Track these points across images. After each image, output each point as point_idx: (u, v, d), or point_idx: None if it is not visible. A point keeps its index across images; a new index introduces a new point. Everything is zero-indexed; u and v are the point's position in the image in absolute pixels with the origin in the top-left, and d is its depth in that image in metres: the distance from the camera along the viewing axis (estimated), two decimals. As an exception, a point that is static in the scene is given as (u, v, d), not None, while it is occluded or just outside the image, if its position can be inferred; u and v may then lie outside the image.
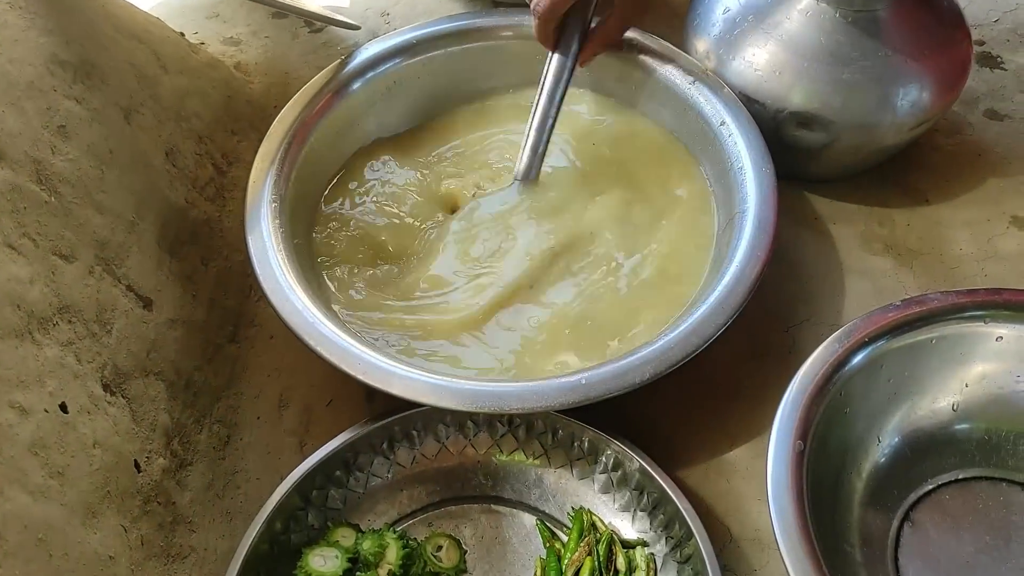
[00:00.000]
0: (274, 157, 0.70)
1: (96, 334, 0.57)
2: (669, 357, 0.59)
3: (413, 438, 0.64)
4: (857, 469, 0.61)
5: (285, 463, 0.66)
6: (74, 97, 0.60)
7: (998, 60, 0.91)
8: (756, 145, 0.69)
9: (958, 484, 0.63)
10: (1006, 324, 0.61)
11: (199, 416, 0.65)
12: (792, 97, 0.72)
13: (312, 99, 0.74)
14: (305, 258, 0.69)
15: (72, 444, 0.52)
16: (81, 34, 0.64)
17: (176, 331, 0.65)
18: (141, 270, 0.63)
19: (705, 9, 0.77)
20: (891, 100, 0.71)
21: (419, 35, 0.78)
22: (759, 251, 0.63)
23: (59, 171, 0.57)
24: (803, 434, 0.56)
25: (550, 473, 0.64)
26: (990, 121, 0.86)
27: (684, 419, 0.67)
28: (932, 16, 0.74)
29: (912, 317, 0.61)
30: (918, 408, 0.63)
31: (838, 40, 0.71)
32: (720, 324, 0.60)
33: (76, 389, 0.54)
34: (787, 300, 0.73)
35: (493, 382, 0.59)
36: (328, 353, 0.60)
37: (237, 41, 0.92)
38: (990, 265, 0.75)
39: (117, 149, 0.63)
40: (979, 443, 0.63)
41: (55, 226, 0.56)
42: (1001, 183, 0.81)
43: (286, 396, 0.70)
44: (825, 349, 0.59)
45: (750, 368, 0.70)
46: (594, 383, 0.58)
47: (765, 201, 0.66)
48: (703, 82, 0.74)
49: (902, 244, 0.77)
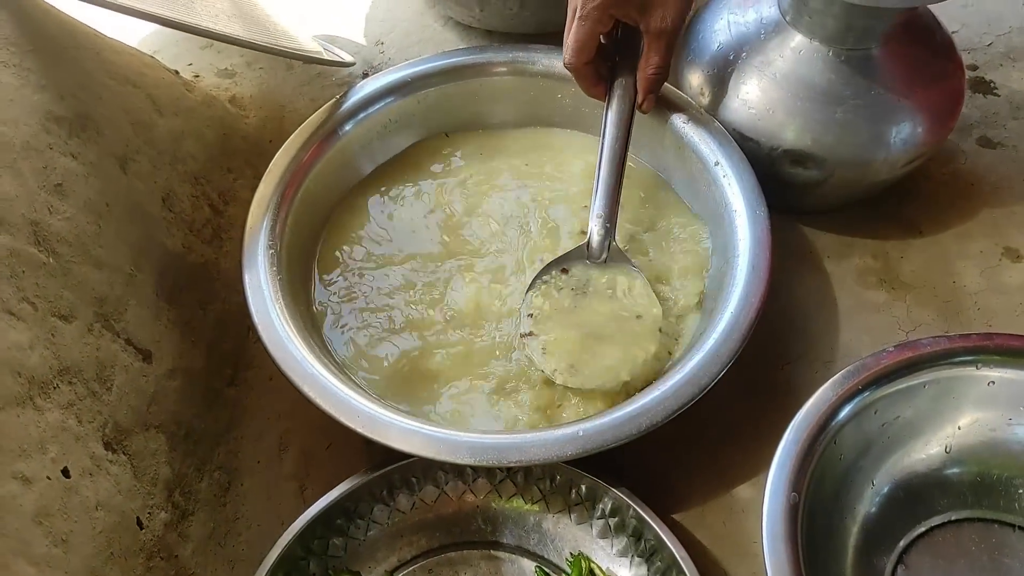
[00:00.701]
0: (269, 202, 0.70)
1: (96, 393, 0.57)
2: (665, 408, 0.59)
3: (413, 485, 0.65)
4: (851, 514, 0.62)
5: (286, 508, 0.67)
6: (70, 153, 0.61)
7: (991, 85, 0.91)
8: (750, 187, 0.70)
9: (951, 526, 0.63)
10: (998, 368, 0.62)
11: (199, 464, 0.66)
12: (786, 135, 0.72)
13: (307, 141, 0.74)
14: (304, 306, 0.69)
15: (75, 509, 0.52)
16: (75, 86, 0.64)
17: (176, 381, 0.65)
18: (139, 322, 0.63)
19: (699, 45, 0.78)
20: (884, 138, 0.71)
21: (414, 72, 0.78)
22: (753, 298, 0.64)
23: (57, 231, 0.57)
24: (798, 486, 0.56)
25: (548, 518, 0.65)
26: (983, 149, 0.86)
27: (680, 460, 0.68)
28: (925, 51, 0.74)
29: (905, 363, 0.62)
30: (911, 452, 0.64)
31: (831, 78, 0.71)
32: (715, 373, 0.61)
33: (78, 452, 0.54)
34: (781, 336, 0.74)
35: (492, 435, 0.60)
36: (329, 406, 0.60)
37: (232, 73, 0.92)
38: (983, 298, 0.76)
39: (114, 201, 0.63)
40: (972, 485, 0.64)
41: (54, 287, 0.56)
42: (994, 213, 0.81)
43: (285, 439, 0.70)
44: (819, 398, 0.60)
45: (745, 408, 0.70)
46: (592, 435, 0.58)
47: (759, 245, 0.66)
48: (697, 121, 0.74)
49: (896, 277, 0.77)
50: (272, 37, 0.72)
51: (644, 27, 0.67)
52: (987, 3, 0.98)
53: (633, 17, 0.67)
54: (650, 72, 0.69)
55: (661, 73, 0.69)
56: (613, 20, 0.67)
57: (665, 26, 0.66)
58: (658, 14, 0.65)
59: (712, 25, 0.77)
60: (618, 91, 0.70)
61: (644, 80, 0.69)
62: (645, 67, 0.69)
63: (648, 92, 0.70)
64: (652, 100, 0.71)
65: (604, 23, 0.67)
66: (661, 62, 0.68)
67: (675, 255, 0.74)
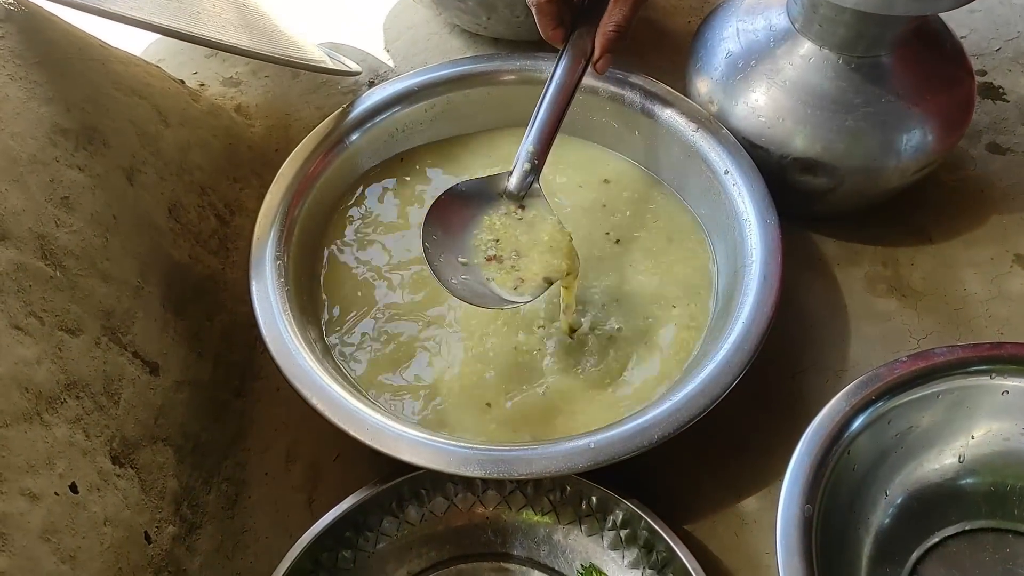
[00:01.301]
0: (276, 212, 0.70)
1: (104, 406, 0.57)
2: (677, 419, 0.59)
3: (422, 496, 0.64)
4: (865, 525, 0.61)
5: (293, 520, 0.66)
6: (77, 165, 0.60)
7: (1000, 91, 0.91)
8: (760, 195, 0.69)
9: (964, 536, 0.63)
10: (1012, 378, 0.62)
11: (207, 476, 0.66)
12: (795, 143, 0.72)
13: (313, 151, 0.73)
14: (312, 316, 0.69)
15: (83, 524, 0.52)
16: (82, 98, 0.64)
17: (183, 393, 0.65)
18: (147, 335, 0.63)
19: (707, 52, 0.77)
20: (895, 145, 0.71)
21: (421, 81, 0.78)
22: (765, 307, 0.63)
23: (64, 244, 0.57)
24: (811, 498, 0.56)
25: (559, 530, 0.64)
26: (992, 155, 0.86)
27: (691, 472, 0.68)
28: (935, 58, 0.74)
29: (918, 372, 0.61)
30: (925, 462, 0.63)
31: (841, 86, 0.71)
32: (727, 384, 0.60)
33: (85, 467, 0.54)
34: (792, 345, 0.74)
35: (502, 447, 0.59)
36: (338, 418, 0.60)
37: (237, 82, 0.92)
38: (994, 306, 0.75)
39: (121, 214, 0.63)
40: (985, 495, 0.63)
41: (61, 301, 0.56)
42: (1004, 220, 0.81)
43: (293, 451, 0.70)
44: (831, 409, 0.59)
45: (756, 418, 0.70)
46: (603, 447, 0.58)
47: (771, 255, 0.66)
48: (707, 129, 0.73)
49: (906, 285, 0.77)
50: (278, 47, 0.71)
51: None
52: (996, 8, 0.98)
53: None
54: (610, 28, 0.66)
55: (621, 31, 0.66)
56: None
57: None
58: None
59: (721, 32, 0.77)
60: (576, 40, 0.68)
61: (603, 36, 0.67)
62: (606, 23, 0.66)
63: (605, 50, 0.67)
64: (608, 60, 0.68)
65: None
66: (623, 20, 0.66)
67: (680, 265, 0.74)
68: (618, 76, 0.77)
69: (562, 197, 0.77)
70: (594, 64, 0.68)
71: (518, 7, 0.84)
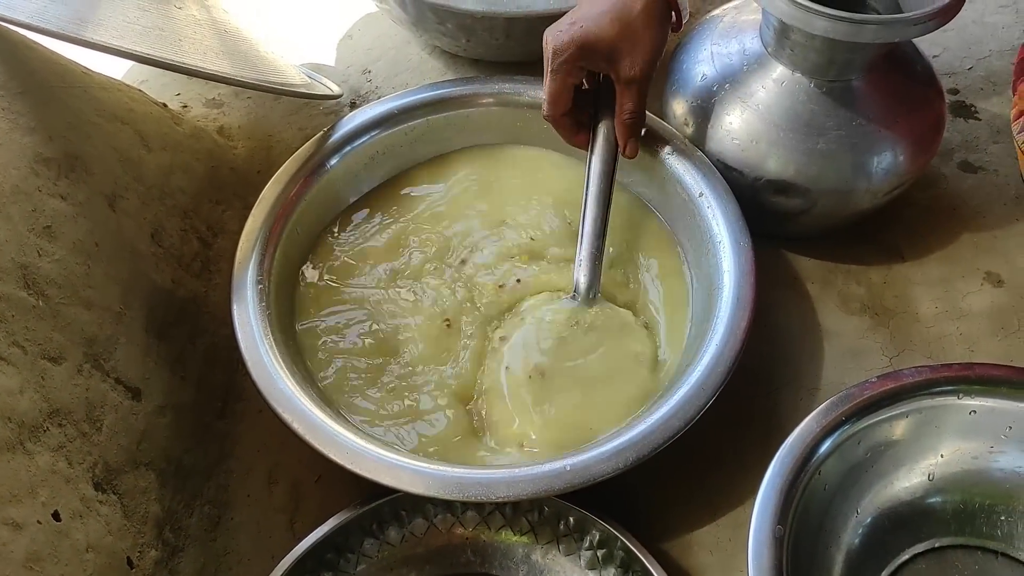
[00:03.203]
0: (257, 236, 0.70)
1: (86, 433, 0.58)
2: (651, 441, 0.60)
3: (402, 518, 0.65)
4: (836, 543, 0.63)
5: (276, 542, 0.67)
6: (59, 194, 0.61)
7: (972, 109, 0.92)
8: (734, 217, 0.71)
9: (934, 553, 0.64)
10: (979, 398, 0.63)
11: (189, 499, 0.66)
12: (769, 165, 0.73)
13: (294, 175, 0.74)
14: (293, 340, 0.70)
15: (66, 552, 0.53)
16: (64, 126, 0.64)
17: (165, 417, 0.66)
18: (129, 360, 0.63)
19: (683, 75, 0.78)
20: (866, 167, 0.72)
21: (400, 105, 0.79)
22: (738, 330, 0.65)
23: (46, 273, 0.58)
24: (782, 519, 0.57)
25: (537, 550, 0.65)
26: (964, 173, 0.87)
27: (667, 490, 0.69)
28: (906, 80, 0.75)
29: (887, 393, 0.63)
30: (895, 481, 0.64)
31: (812, 110, 0.72)
32: (700, 406, 0.62)
33: (68, 494, 0.55)
34: (767, 364, 0.75)
35: (480, 470, 0.60)
36: (318, 442, 0.61)
37: (220, 103, 0.93)
38: (965, 324, 0.77)
39: (103, 240, 0.64)
40: (955, 513, 0.64)
41: (43, 329, 0.56)
42: (975, 238, 0.82)
43: (275, 472, 0.71)
44: (802, 431, 0.61)
45: (731, 436, 0.71)
46: (579, 469, 0.59)
47: (744, 277, 0.67)
48: (681, 152, 0.75)
49: (879, 303, 0.78)
50: (259, 73, 0.72)
51: (615, 76, 0.69)
52: (968, 28, 1.00)
53: (602, 67, 0.68)
54: (625, 118, 0.70)
55: (636, 118, 0.70)
56: (584, 72, 0.69)
57: (635, 74, 0.67)
58: (626, 63, 0.67)
59: (696, 56, 0.78)
60: (600, 138, 0.72)
61: (621, 126, 0.71)
62: (620, 114, 0.70)
63: (627, 137, 0.71)
64: (634, 145, 0.72)
65: (575, 75, 0.68)
66: (635, 108, 0.70)
67: (657, 285, 0.75)
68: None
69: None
70: (623, 153, 0.72)
71: (497, 30, 0.85)
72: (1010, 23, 1.01)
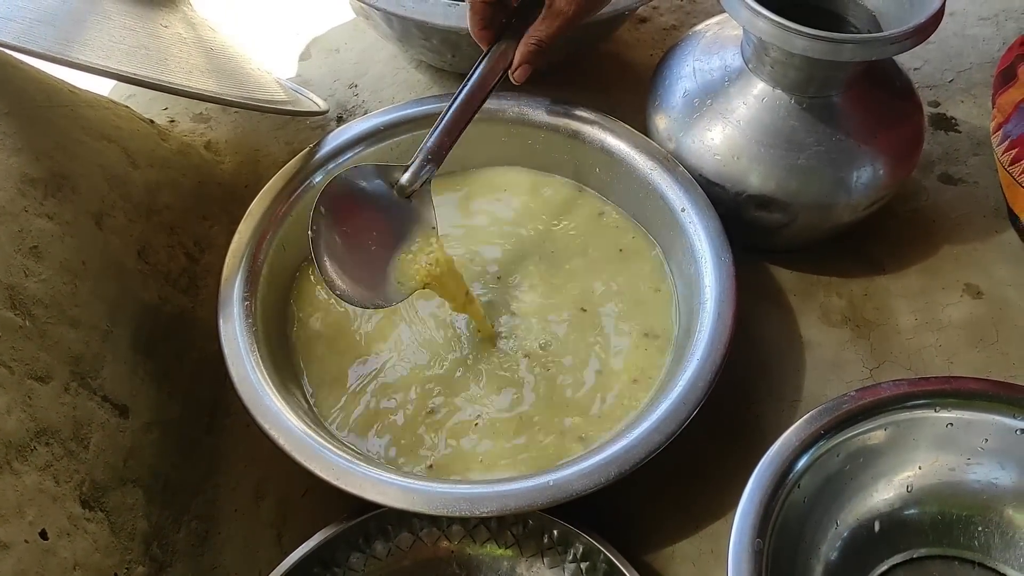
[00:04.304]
0: (244, 253, 0.71)
1: (73, 452, 0.58)
2: (633, 456, 0.61)
3: (388, 532, 0.66)
4: (816, 554, 0.63)
5: (263, 556, 0.67)
6: (45, 214, 0.62)
7: (952, 122, 0.93)
8: (715, 233, 0.71)
9: (913, 564, 0.65)
10: (956, 411, 0.64)
11: (177, 515, 0.67)
12: (750, 180, 0.74)
13: (281, 191, 0.75)
14: (280, 355, 0.70)
15: (53, 571, 0.53)
16: (51, 146, 0.65)
17: (153, 434, 0.66)
18: (116, 378, 0.64)
19: (665, 90, 0.79)
20: (846, 182, 0.73)
21: (386, 120, 0.80)
22: (719, 344, 0.65)
23: (33, 293, 0.58)
24: (762, 532, 0.58)
25: (522, 563, 0.66)
26: (945, 186, 0.88)
27: (651, 503, 0.70)
28: (885, 95, 0.76)
29: (866, 407, 0.63)
30: (873, 492, 0.65)
31: (793, 125, 0.73)
32: (682, 420, 0.62)
33: (55, 513, 0.55)
34: (749, 376, 0.76)
35: (464, 485, 0.61)
36: (304, 458, 0.61)
37: (207, 118, 0.93)
38: (944, 335, 0.78)
39: (90, 259, 0.64)
40: (933, 524, 0.65)
41: (30, 349, 0.57)
42: (955, 250, 0.83)
43: (262, 487, 0.71)
44: (781, 445, 0.61)
45: (714, 449, 0.72)
46: (562, 484, 0.60)
47: (725, 292, 0.68)
48: (664, 167, 0.76)
49: (860, 315, 0.79)
50: (245, 90, 0.73)
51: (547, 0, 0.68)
52: (949, 40, 1.01)
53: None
54: (532, 41, 0.68)
55: (542, 46, 0.68)
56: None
57: (566, 9, 0.67)
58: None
59: (678, 71, 0.79)
60: (500, 47, 0.70)
61: (524, 46, 0.68)
62: (530, 35, 0.68)
63: (523, 60, 0.69)
64: (525, 70, 0.69)
65: None
66: (545, 37, 0.68)
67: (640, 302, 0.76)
68: (577, 113, 0.79)
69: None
70: (511, 72, 0.70)
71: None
72: (990, 36, 1.02)
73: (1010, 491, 0.64)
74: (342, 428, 0.69)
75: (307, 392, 0.71)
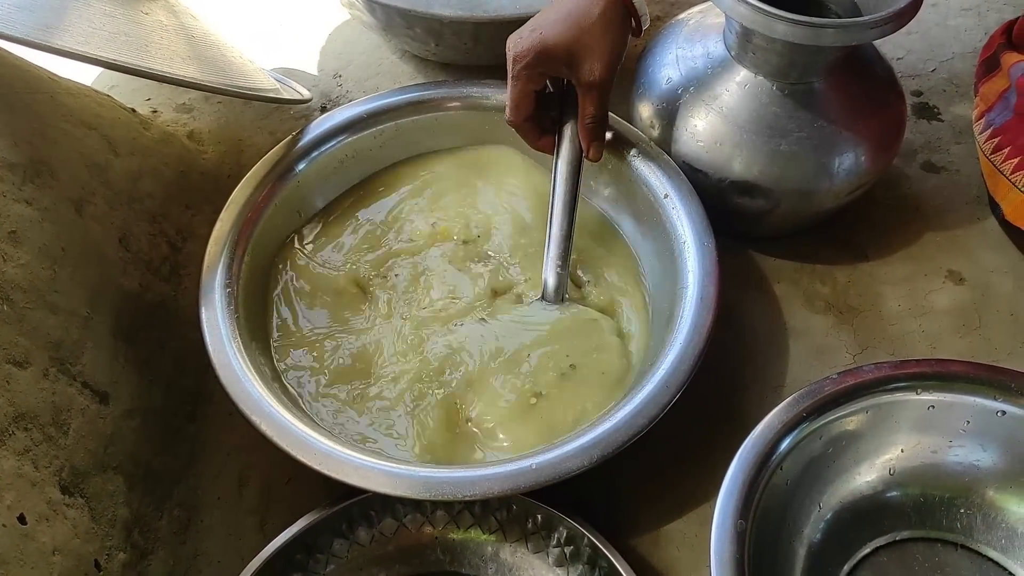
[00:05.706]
0: (226, 240, 0.71)
1: (53, 437, 0.58)
2: (616, 439, 0.61)
3: (371, 518, 0.65)
4: (799, 537, 0.64)
5: (246, 544, 0.67)
6: (24, 199, 0.61)
7: (935, 111, 0.94)
8: (699, 218, 0.71)
9: (895, 546, 0.65)
10: (936, 393, 0.64)
11: (159, 503, 0.67)
12: (733, 167, 0.74)
13: (263, 179, 0.75)
14: (261, 342, 0.70)
15: (32, 555, 0.53)
16: (30, 132, 0.65)
17: (134, 421, 0.66)
18: (96, 365, 0.63)
19: (648, 78, 0.79)
20: (828, 168, 0.73)
21: (369, 109, 0.80)
22: (702, 329, 0.66)
23: (11, 278, 0.58)
24: (744, 514, 0.58)
25: (506, 548, 0.66)
26: (927, 174, 0.89)
27: (635, 487, 0.70)
28: (866, 82, 0.76)
29: (848, 389, 0.64)
30: (856, 475, 0.65)
31: (775, 112, 0.73)
32: (664, 404, 0.62)
33: (34, 498, 0.55)
34: (733, 362, 0.76)
35: (447, 469, 0.61)
36: (286, 444, 0.61)
37: (190, 108, 0.93)
38: (927, 321, 0.78)
39: (69, 245, 0.64)
40: (915, 506, 0.66)
41: (8, 334, 0.57)
42: (937, 237, 0.84)
43: (245, 474, 0.71)
44: (764, 427, 0.61)
45: (698, 433, 0.72)
46: (544, 468, 0.60)
47: (707, 277, 0.68)
48: (647, 154, 0.76)
49: (843, 302, 0.80)
50: (227, 77, 0.73)
51: (576, 81, 0.69)
52: (932, 30, 1.02)
53: (563, 73, 0.69)
54: (587, 122, 0.71)
55: (598, 122, 0.71)
56: (544, 77, 0.70)
57: (594, 79, 0.68)
58: (586, 67, 0.67)
59: (661, 60, 0.79)
60: (565, 141, 0.73)
61: (583, 130, 0.71)
62: (583, 118, 0.71)
63: (590, 141, 0.72)
64: (597, 148, 0.72)
65: (535, 81, 0.69)
66: (595, 112, 0.70)
67: (619, 287, 0.76)
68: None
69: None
70: (587, 156, 0.73)
71: (465, 34, 0.86)
72: (972, 26, 1.02)
73: (992, 473, 0.64)
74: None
75: (289, 377, 0.71)
